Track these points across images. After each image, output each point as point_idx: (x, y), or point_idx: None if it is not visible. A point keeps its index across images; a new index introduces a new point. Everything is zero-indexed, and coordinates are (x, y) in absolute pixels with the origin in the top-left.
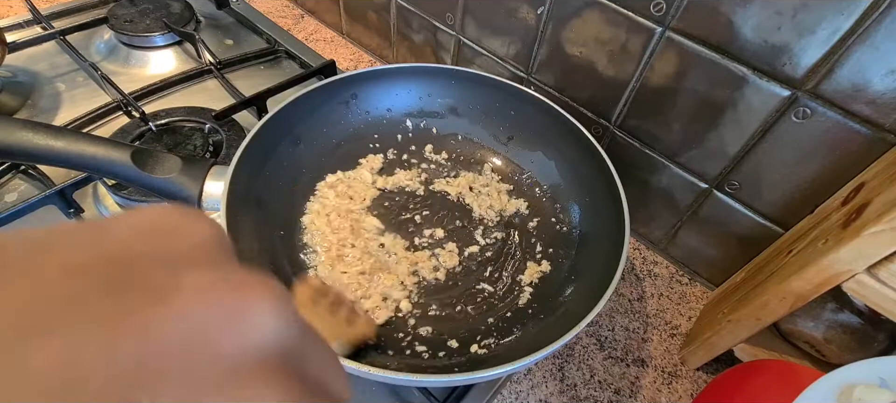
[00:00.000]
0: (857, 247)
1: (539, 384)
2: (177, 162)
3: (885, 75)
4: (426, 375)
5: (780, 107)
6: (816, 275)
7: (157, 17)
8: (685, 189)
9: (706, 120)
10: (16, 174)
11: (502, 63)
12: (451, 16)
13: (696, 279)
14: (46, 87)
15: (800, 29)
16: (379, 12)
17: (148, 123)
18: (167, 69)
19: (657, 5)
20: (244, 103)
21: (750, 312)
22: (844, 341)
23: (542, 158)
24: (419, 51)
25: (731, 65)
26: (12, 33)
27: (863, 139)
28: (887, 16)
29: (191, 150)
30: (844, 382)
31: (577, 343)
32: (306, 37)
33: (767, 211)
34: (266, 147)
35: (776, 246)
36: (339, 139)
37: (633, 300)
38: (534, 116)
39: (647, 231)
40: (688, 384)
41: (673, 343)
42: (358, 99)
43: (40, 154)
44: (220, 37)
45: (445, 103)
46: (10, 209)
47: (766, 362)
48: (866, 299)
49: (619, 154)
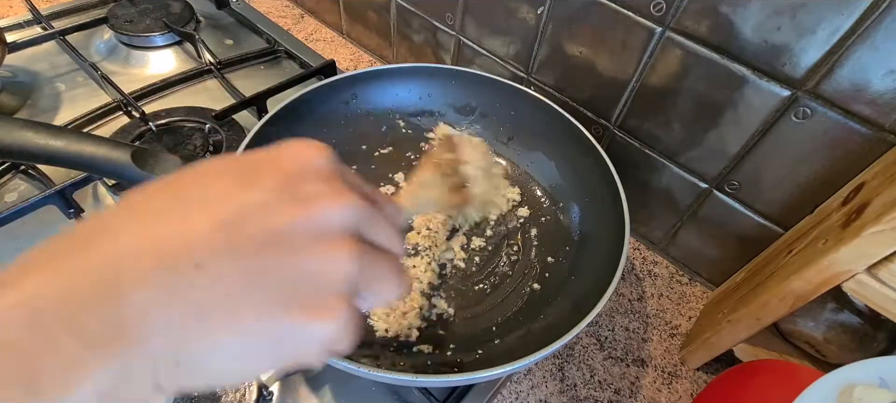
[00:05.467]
0: (857, 247)
1: (539, 384)
2: (177, 162)
3: (885, 75)
4: (426, 375)
5: (780, 107)
6: (816, 275)
7: (157, 17)
8: (685, 189)
9: (706, 120)
10: (16, 174)
11: (502, 63)
12: (451, 16)
13: (696, 279)
14: (46, 87)
15: (800, 29)
16: (379, 12)
17: (148, 123)
18: (167, 69)
19: (657, 5)
20: (244, 103)
21: (750, 312)
22: (844, 341)
23: (542, 158)
24: (419, 51)
25: (731, 65)
26: (12, 33)
27: (863, 139)
28: (887, 16)
29: (191, 150)
30: (844, 382)
31: (577, 343)
32: (306, 37)
33: (767, 211)
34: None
35: (776, 246)
36: (339, 139)
37: (633, 300)
38: (534, 116)
39: (647, 231)
40: (688, 384)
41: (673, 344)
42: (358, 99)
43: (40, 154)
44: (220, 37)
45: (445, 103)
46: (10, 209)
47: (766, 362)
48: (866, 299)
49: (619, 154)
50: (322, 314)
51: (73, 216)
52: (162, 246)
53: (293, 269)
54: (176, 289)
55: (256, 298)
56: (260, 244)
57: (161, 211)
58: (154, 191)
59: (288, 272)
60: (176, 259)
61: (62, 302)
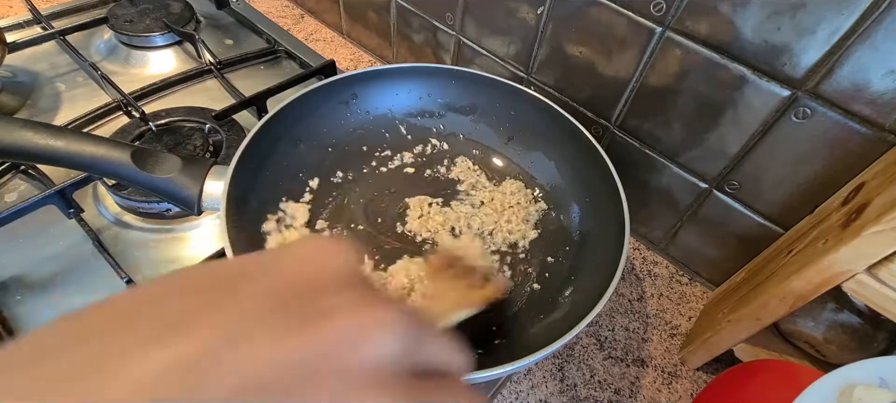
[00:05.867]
0: (857, 247)
1: (539, 384)
2: (177, 162)
3: (885, 75)
4: None
5: (780, 107)
6: (816, 275)
7: (157, 17)
8: (685, 189)
9: (706, 120)
10: (16, 174)
11: (502, 63)
12: (451, 16)
13: (696, 279)
14: (46, 87)
15: (800, 29)
16: (379, 12)
17: (148, 123)
18: (167, 69)
19: (657, 5)
20: (244, 103)
21: (750, 312)
22: (844, 341)
23: (542, 158)
24: (419, 51)
25: (731, 65)
26: (12, 33)
27: (863, 139)
28: (887, 16)
29: (191, 150)
30: (844, 382)
31: (577, 343)
32: (306, 37)
33: (767, 211)
34: (266, 147)
35: (776, 246)
36: (339, 139)
37: (633, 300)
38: (534, 116)
39: (647, 231)
40: (688, 384)
41: (673, 344)
42: (358, 99)
43: (40, 154)
44: (220, 37)
45: (445, 103)
46: (10, 209)
47: (766, 362)
48: (866, 299)
49: (619, 154)
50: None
51: (72, 216)
52: (126, 387)
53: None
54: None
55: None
56: (238, 392)
57: (124, 338)
58: (119, 307)
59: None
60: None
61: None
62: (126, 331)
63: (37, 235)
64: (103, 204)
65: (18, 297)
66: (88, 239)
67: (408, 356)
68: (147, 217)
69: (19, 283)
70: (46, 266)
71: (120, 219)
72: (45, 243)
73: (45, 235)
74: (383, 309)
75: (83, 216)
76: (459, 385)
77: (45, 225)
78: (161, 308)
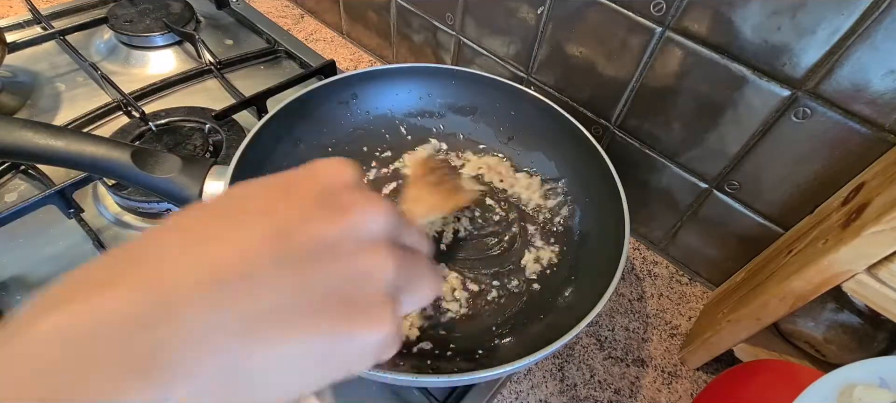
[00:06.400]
0: (857, 247)
1: (539, 384)
2: (177, 162)
3: (885, 75)
4: (426, 375)
5: (780, 107)
6: (816, 275)
7: (157, 17)
8: (685, 189)
9: (706, 120)
10: (16, 174)
11: (502, 63)
12: (451, 16)
13: (696, 279)
14: (46, 87)
15: (800, 29)
16: (379, 12)
17: (148, 123)
18: (167, 69)
19: (657, 5)
20: (244, 103)
21: (750, 312)
22: (844, 341)
23: (542, 158)
24: (419, 51)
25: (731, 65)
26: (12, 33)
27: (863, 139)
28: (887, 16)
29: (191, 150)
30: (844, 382)
31: (577, 343)
32: (306, 37)
33: (767, 211)
34: (266, 147)
35: (776, 246)
36: (339, 139)
37: (633, 300)
38: (534, 116)
39: (647, 231)
40: (688, 384)
41: (673, 344)
42: (358, 99)
43: (40, 154)
44: (220, 37)
45: (445, 103)
46: (10, 209)
47: (766, 362)
48: (866, 299)
49: (619, 154)
50: (373, 321)
51: (72, 216)
52: (211, 263)
53: (341, 276)
54: (228, 303)
55: (308, 307)
56: (308, 252)
57: (207, 230)
58: (198, 211)
59: (336, 278)
60: (226, 272)
61: (110, 325)
62: (224, 220)
63: (37, 235)
64: (103, 205)
65: (18, 297)
66: (88, 240)
67: (396, 234)
68: (147, 217)
69: (19, 283)
70: (46, 266)
71: (120, 219)
72: (45, 243)
73: (45, 235)
74: (382, 202)
75: (83, 216)
76: (425, 259)
77: (45, 225)
78: (245, 202)
